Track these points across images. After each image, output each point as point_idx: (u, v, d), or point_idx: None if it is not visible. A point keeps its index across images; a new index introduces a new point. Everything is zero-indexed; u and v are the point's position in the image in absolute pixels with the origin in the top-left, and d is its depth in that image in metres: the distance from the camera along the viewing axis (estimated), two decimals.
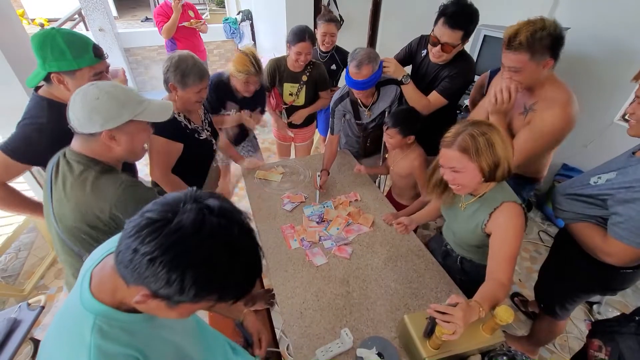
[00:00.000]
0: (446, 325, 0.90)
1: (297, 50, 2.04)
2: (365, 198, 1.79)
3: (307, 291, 1.31)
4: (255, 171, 1.97)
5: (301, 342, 1.14)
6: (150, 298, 0.53)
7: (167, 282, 0.50)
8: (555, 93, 1.31)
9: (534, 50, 1.21)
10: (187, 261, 0.50)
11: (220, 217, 0.53)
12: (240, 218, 0.56)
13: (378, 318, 1.22)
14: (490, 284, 1.04)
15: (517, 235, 1.06)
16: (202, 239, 0.50)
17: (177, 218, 0.50)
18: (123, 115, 0.94)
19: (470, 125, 1.07)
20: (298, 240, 1.52)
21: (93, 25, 4.15)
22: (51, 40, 1.11)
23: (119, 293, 0.59)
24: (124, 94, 0.95)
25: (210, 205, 0.53)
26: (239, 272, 0.55)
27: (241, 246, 0.55)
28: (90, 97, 0.90)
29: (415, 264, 1.43)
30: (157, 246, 0.49)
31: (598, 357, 1.16)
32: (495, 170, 1.06)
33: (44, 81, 1.17)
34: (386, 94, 1.81)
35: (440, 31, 1.61)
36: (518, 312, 2.08)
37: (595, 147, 2.51)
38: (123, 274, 0.53)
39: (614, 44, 2.25)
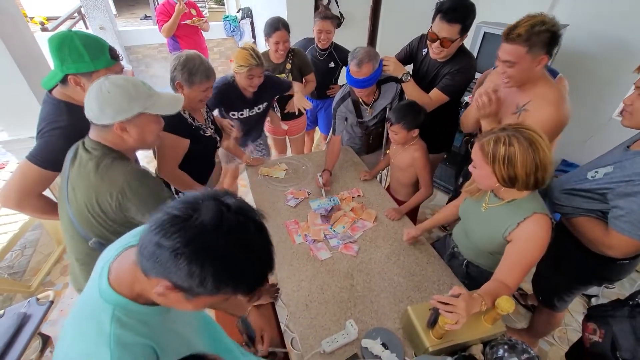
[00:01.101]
0: (449, 315, 0.93)
1: (275, 40, 2.12)
2: (367, 193, 1.82)
3: (312, 284, 1.34)
4: (259, 168, 2.00)
5: (307, 332, 1.18)
6: (171, 290, 0.56)
7: (188, 275, 0.52)
8: (547, 92, 1.32)
9: (532, 43, 1.22)
10: (207, 255, 0.52)
11: (237, 215, 0.55)
12: (255, 216, 0.59)
13: (382, 310, 1.25)
14: (496, 283, 1.06)
15: (540, 249, 1.03)
16: (220, 234, 0.53)
17: (197, 215, 0.53)
18: (133, 108, 0.98)
19: (506, 130, 1.01)
20: (302, 236, 1.55)
21: (93, 23, 4.15)
22: (69, 42, 1.13)
23: (138, 285, 0.61)
24: (135, 87, 0.99)
25: (228, 203, 0.56)
26: (254, 266, 0.57)
27: (256, 243, 0.57)
28: (103, 90, 0.95)
29: (418, 257, 1.46)
30: (179, 240, 0.51)
31: (592, 340, 1.20)
32: (512, 182, 1.02)
33: (60, 83, 1.19)
34: (387, 91, 1.83)
35: (438, 27, 1.63)
36: (518, 305, 2.11)
37: (594, 142, 2.54)
38: (145, 266, 0.55)
39: (613, 40, 2.27)
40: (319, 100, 2.72)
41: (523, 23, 1.23)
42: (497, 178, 1.03)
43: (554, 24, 1.22)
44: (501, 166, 1.00)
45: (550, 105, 1.29)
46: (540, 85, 1.34)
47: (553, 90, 1.32)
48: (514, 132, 0.99)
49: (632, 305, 1.15)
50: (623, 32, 2.21)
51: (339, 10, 3.24)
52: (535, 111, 1.33)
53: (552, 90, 1.32)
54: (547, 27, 1.21)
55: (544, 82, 1.34)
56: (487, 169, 1.04)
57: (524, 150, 0.96)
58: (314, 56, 2.49)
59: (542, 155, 0.97)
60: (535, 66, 1.27)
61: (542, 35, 1.21)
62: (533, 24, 1.21)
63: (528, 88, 1.36)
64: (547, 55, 1.25)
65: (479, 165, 1.08)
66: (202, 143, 1.64)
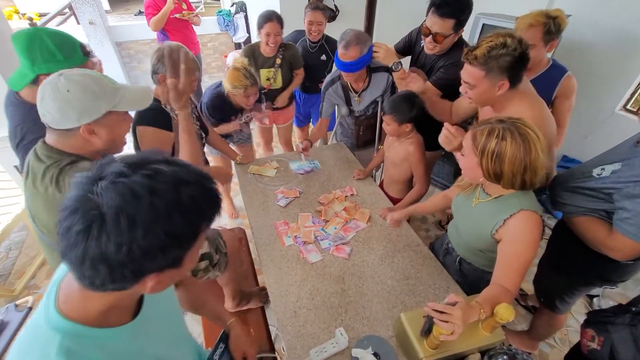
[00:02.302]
0: (444, 325, 0.86)
1: (266, 32, 2.08)
2: (361, 192, 1.75)
3: (302, 289, 1.27)
4: (249, 166, 1.92)
5: (295, 342, 1.11)
6: (161, 276, 0.51)
7: (162, 252, 0.48)
8: (521, 110, 1.18)
9: (489, 67, 1.13)
10: (158, 225, 0.46)
11: (136, 170, 0.48)
12: (153, 158, 0.51)
13: (374, 316, 1.18)
14: (495, 288, 1.00)
15: (531, 248, 0.98)
16: (149, 201, 0.46)
17: (102, 207, 0.44)
18: (100, 107, 0.87)
19: (503, 122, 0.95)
20: (292, 237, 1.47)
21: (83, 18, 4.05)
22: (39, 41, 1.07)
23: (93, 304, 0.53)
24: (97, 83, 0.87)
25: (117, 171, 0.47)
26: (205, 195, 0.53)
27: (183, 177, 0.51)
28: (60, 89, 0.83)
29: (413, 259, 1.39)
30: (119, 240, 0.44)
31: (590, 347, 1.14)
32: (497, 179, 0.98)
33: (30, 83, 1.13)
34: (378, 81, 1.76)
35: (431, 21, 1.55)
36: (518, 306, 2.05)
37: (595, 138, 2.47)
38: (116, 288, 0.49)
39: (616, 31, 2.19)
40: (311, 95, 2.64)
41: (483, 44, 1.14)
42: (483, 171, 0.99)
43: (515, 47, 1.11)
44: (489, 160, 0.95)
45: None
46: (514, 105, 1.21)
47: (528, 108, 1.18)
48: (510, 126, 0.93)
49: (634, 312, 1.08)
50: (626, 22, 2.13)
51: (333, 3, 3.16)
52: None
53: (527, 108, 1.18)
54: (508, 51, 1.11)
55: (517, 101, 1.21)
56: (474, 159, 1.00)
57: (515, 148, 0.92)
58: (304, 49, 2.42)
59: (533, 156, 0.92)
60: (495, 91, 1.18)
61: (502, 60, 1.11)
62: (491, 47, 1.12)
63: (502, 108, 1.24)
64: (509, 80, 1.15)
65: (467, 153, 1.03)
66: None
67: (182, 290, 0.99)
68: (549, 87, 1.64)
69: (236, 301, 1.49)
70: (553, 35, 1.51)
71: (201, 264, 1.29)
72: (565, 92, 1.65)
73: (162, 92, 1.49)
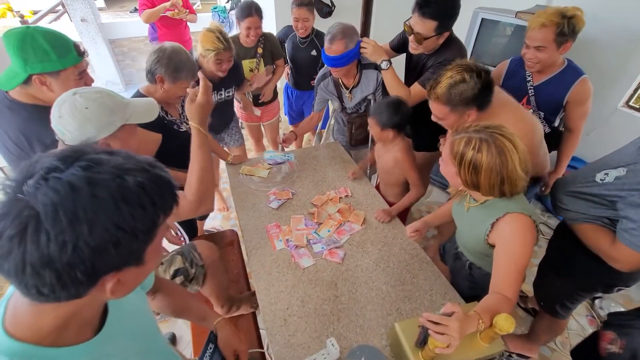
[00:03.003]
0: (440, 337, 0.81)
1: (246, 26, 2.05)
2: (356, 193, 1.69)
3: (292, 296, 1.22)
4: (241, 166, 1.87)
5: (284, 352, 1.06)
6: (120, 276, 0.46)
7: (115, 247, 0.43)
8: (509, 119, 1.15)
9: (453, 104, 1.15)
10: (105, 217, 0.42)
11: (75, 164, 0.43)
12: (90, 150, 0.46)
13: (368, 324, 1.13)
14: (494, 297, 0.95)
15: (524, 251, 0.95)
16: (90, 193, 0.41)
17: (38, 205, 0.39)
18: (115, 122, 0.93)
19: (480, 132, 0.94)
20: (284, 241, 1.42)
21: (75, 15, 3.97)
22: (31, 40, 1.03)
23: (46, 320, 0.48)
24: (111, 99, 0.93)
25: (49, 167, 0.42)
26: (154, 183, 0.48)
27: (126, 165, 0.46)
28: (78, 107, 0.88)
29: (409, 264, 1.34)
30: (61, 238, 0.39)
31: (610, 350, 1.09)
32: (476, 188, 0.99)
33: (22, 83, 1.09)
34: (368, 79, 1.71)
35: (414, 20, 1.49)
36: (517, 308, 2.00)
37: (597, 135, 2.41)
38: (69, 297, 0.44)
39: (620, 26, 2.12)
40: (303, 91, 2.59)
41: (443, 80, 1.15)
42: (461, 180, 0.99)
43: (473, 83, 1.11)
44: (466, 170, 0.96)
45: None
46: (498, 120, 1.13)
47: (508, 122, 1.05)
48: (488, 137, 0.92)
49: None
50: (629, 17, 2.07)
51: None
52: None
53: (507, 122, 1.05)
54: (467, 86, 1.11)
55: (495, 116, 1.19)
56: (452, 168, 1.00)
57: (491, 160, 0.91)
58: (294, 44, 2.37)
59: (509, 168, 0.91)
60: (465, 119, 1.19)
61: (464, 95, 1.12)
62: (451, 85, 1.12)
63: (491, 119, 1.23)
64: (475, 109, 1.16)
65: (445, 161, 1.03)
66: (176, 138, 1.52)
67: (162, 296, 0.94)
68: (560, 89, 1.56)
69: (225, 308, 1.44)
70: (566, 37, 1.42)
71: (176, 280, 1.25)
72: (578, 97, 1.55)
73: (155, 91, 1.45)
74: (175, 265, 1.26)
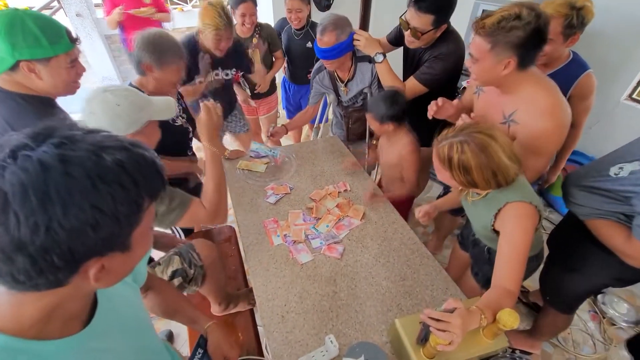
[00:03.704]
0: (441, 334, 0.78)
1: (241, 12, 2.00)
2: (355, 188, 1.66)
3: (290, 292, 1.19)
4: (238, 161, 1.83)
5: (281, 349, 1.03)
6: (105, 262, 0.43)
7: (94, 230, 0.40)
8: (536, 98, 1.08)
9: (496, 40, 1.00)
10: (80, 197, 0.39)
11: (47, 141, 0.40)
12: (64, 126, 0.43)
13: (367, 321, 1.10)
14: (496, 291, 0.93)
15: (524, 239, 0.95)
16: (63, 171, 0.38)
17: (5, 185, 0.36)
18: (142, 117, 0.99)
19: (458, 136, 0.95)
20: (281, 236, 1.39)
21: (70, 10, 3.92)
22: (21, 24, 0.98)
23: (28, 312, 0.45)
24: (138, 97, 1.00)
25: (17, 144, 0.39)
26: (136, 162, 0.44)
27: (104, 142, 0.43)
28: (110, 104, 0.94)
29: (409, 258, 1.31)
30: (33, 220, 0.36)
31: None
32: (473, 186, 0.99)
33: (8, 70, 1.03)
34: (362, 70, 1.68)
35: (410, 14, 1.45)
36: (519, 304, 1.98)
37: (600, 128, 2.37)
38: (48, 284, 0.41)
39: (622, 16, 2.08)
40: (300, 85, 2.55)
41: (496, 13, 1.01)
42: (457, 182, 1.00)
43: (529, 20, 0.97)
44: (458, 173, 0.97)
45: (543, 116, 1.05)
46: (527, 88, 1.09)
47: (543, 94, 1.08)
48: (466, 138, 0.94)
49: None
50: (633, 7, 2.02)
51: None
52: (528, 124, 1.10)
53: (542, 95, 1.07)
54: (520, 23, 0.97)
55: (531, 84, 1.09)
56: (446, 173, 1.01)
57: (476, 158, 0.92)
58: (290, 36, 2.34)
59: (496, 160, 0.92)
60: (499, 69, 1.05)
61: (511, 34, 0.98)
62: (504, 17, 0.99)
63: (511, 91, 1.12)
64: (516, 59, 1.01)
65: (437, 169, 1.04)
66: (171, 133, 1.48)
67: (153, 295, 0.91)
68: (565, 84, 1.49)
69: (223, 306, 1.42)
70: (575, 29, 1.37)
71: (174, 281, 1.22)
72: (581, 92, 1.51)
73: (147, 82, 1.42)
74: (173, 266, 1.22)
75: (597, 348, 1.77)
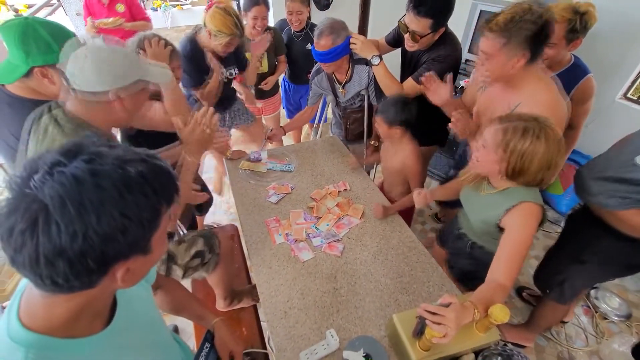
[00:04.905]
0: (436, 327, 0.83)
1: (253, 15, 2.03)
2: (354, 187, 1.70)
3: (292, 289, 1.24)
4: (240, 162, 1.87)
5: (284, 343, 1.08)
6: (130, 264, 0.48)
7: (123, 235, 0.45)
8: (536, 93, 1.14)
9: (510, 35, 1.06)
10: (111, 205, 0.44)
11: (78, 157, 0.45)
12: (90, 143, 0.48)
13: (367, 316, 1.15)
14: (490, 285, 0.98)
15: (528, 239, 1.00)
16: (94, 183, 0.43)
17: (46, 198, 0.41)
18: (132, 74, 0.90)
19: (532, 121, 0.95)
20: (283, 235, 1.44)
21: (70, 9, 3.93)
22: (33, 32, 1.03)
23: (58, 312, 0.49)
24: (132, 53, 0.92)
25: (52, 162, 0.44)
26: (154, 172, 0.49)
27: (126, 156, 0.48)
28: (100, 52, 0.85)
29: (407, 256, 1.36)
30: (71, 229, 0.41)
31: None
32: (516, 176, 1.00)
33: (22, 77, 1.08)
34: (359, 73, 1.72)
35: (409, 18, 1.48)
36: (514, 299, 2.03)
37: (595, 127, 2.41)
38: (81, 286, 0.46)
39: (617, 15, 2.11)
40: (300, 85, 2.58)
41: (507, 11, 1.07)
42: (505, 167, 0.98)
43: (540, 14, 1.03)
44: (518, 157, 0.95)
45: (542, 107, 1.10)
46: (530, 84, 1.16)
47: (543, 91, 1.14)
48: (543, 126, 0.93)
49: None
50: (628, 6, 2.06)
51: None
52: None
53: (542, 91, 1.14)
54: (532, 17, 1.03)
55: (535, 81, 1.16)
56: (497, 154, 0.98)
57: (547, 146, 0.92)
58: (290, 38, 2.37)
59: (560, 156, 0.94)
60: (513, 64, 1.11)
61: (524, 28, 1.04)
62: (515, 13, 1.05)
63: (516, 85, 1.18)
64: (530, 53, 1.08)
65: (490, 147, 1.00)
66: (174, 136, 1.52)
67: (162, 293, 0.96)
68: (566, 87, 1.51)
69: (228, 301, 1.47)
70: (577, 34, 1.41)
71: (194, 261, 1.26)
72: (582, 95, 1.54)
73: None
74: (197, 247, 1.27)
75: (589, 341, 1.83)
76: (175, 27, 5.16)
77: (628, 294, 2.04)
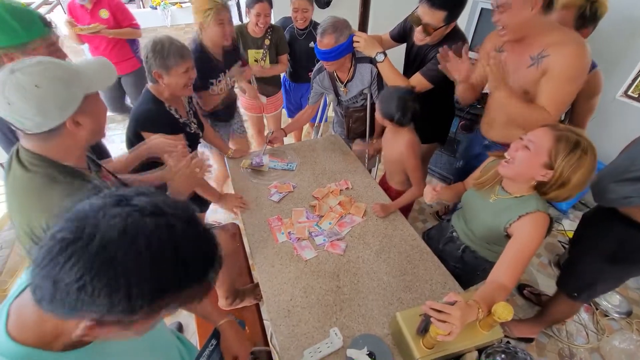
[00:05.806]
0: (441, 325, 0.83)
1: (256, 12, 2.02)
2: (356, 186, 1.70)
3: (295, 287, 1.24)
4: (242, 160, 1.87)
5: (288, 342, 1.08)
6: (97, 327, 0.45)
7: (111, 306, 0.41)
8: (562, 35, 1.19)
9: None
10: (127, 278, 0.41)
11: (155, 217, 0.44)
12: (178, 212, 0.47)
13: (370, 314, 1.15)
14: (492, 285, 0.98)
15: (536, 247, 1.01)
16: (138, 249, 0.42)
17: (99, 231, 0.41)
18: (76, 93, 0.78)
19: (579, 134, 0.96)
20: (285, 233, 1.44)
21: None
22: None
23: (49, 326, 0.49)
24: (60, 68, 0.76)
25: (138, 204, 0.44)
26: (190, 271, 0.47)
27: (187, 242, 0.46)
28: (27, 87, 0.71)
29: (409, 254, 1.36)
30: (83, 271, 0.40)
31: None
32: (553, 185, 0.99)
33: None
34: (362, 71, 1.71)
35: (422, 10, 1.47)
36: (516, 296, 2.04)
37: (595, 125, 2.40)
38: (50, 310, 0.44)
39: (617, 12, 2.10)
40: (300, 84, 2.58)
41: None
42: (551, 175, 0.97)
43: None
44: (565, 166, 0.94)
45: (573, 43, 1.17)
46: (553, 34, 1.19)
47: (567, 32, 1.20)
48: (589, 143, 0.95)
49: None
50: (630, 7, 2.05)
51: None
52: (560, 52, 1.18)
53: (565, 32, 1.20)
54: None
55: (557, 28, 1.20)
56: (544, 159, 0.96)
57: (591, 163, 0.94)
58: (292, 36, 2.36)
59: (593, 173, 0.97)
60: (528, 10, 1.14)
61: None
62: None
63: (537, 39, 1.21)
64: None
65: (537, 151, 0.97)
66: (187, 141, 1.47)
67: None
68: None
69: (230, 300, 1.47)
70: (587, 21, 1.39)
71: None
72: (589, 90, 1.52)
73: (163, 90, 1.44)
74: None
75: (590, 338, 1.84)
76: (174, 25, 5.13)
77: (628, 291, 2.05)
